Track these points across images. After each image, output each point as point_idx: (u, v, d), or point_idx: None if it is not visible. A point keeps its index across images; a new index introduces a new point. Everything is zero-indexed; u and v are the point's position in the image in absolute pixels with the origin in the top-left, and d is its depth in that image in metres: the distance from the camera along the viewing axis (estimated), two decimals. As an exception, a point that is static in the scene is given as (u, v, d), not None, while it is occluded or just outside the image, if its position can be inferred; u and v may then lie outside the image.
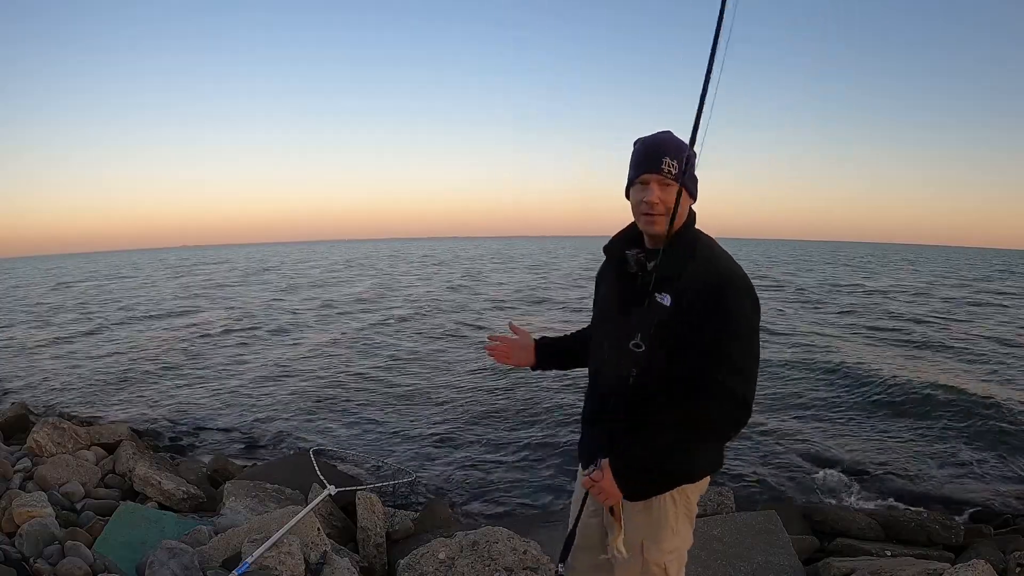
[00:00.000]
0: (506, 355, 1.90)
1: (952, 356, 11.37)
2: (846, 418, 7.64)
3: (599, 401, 1.65)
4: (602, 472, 1.49)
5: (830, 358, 10.82)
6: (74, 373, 10.87)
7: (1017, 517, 4.82)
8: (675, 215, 1.47)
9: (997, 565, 3.07)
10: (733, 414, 1.45)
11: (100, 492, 4.15)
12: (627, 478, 1.49)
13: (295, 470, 4.61)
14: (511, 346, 1.91)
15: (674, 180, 1.48)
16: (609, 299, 1.68)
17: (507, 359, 1.90)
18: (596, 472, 1.50)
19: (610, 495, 1.50)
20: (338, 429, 7.41)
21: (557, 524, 3.93)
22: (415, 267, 43.08)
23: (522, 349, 1.91)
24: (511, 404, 8.24)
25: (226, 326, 15.84)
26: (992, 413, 7.68)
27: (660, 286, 1.50)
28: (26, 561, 2.52)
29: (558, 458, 6.30)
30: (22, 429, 5.68)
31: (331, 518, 3.87)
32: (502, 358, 1.90)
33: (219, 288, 28.24)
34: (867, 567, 3.26)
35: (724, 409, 1.44)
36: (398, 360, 11.20)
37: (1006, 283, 30.63)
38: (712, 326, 1.43)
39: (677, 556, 1.64)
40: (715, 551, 3.14)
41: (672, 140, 1.54)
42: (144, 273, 43.66)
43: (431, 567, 2.74)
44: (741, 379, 1.43)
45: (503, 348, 1.90)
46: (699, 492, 1.65)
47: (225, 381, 9.99)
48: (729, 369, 1.43)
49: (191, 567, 2.49)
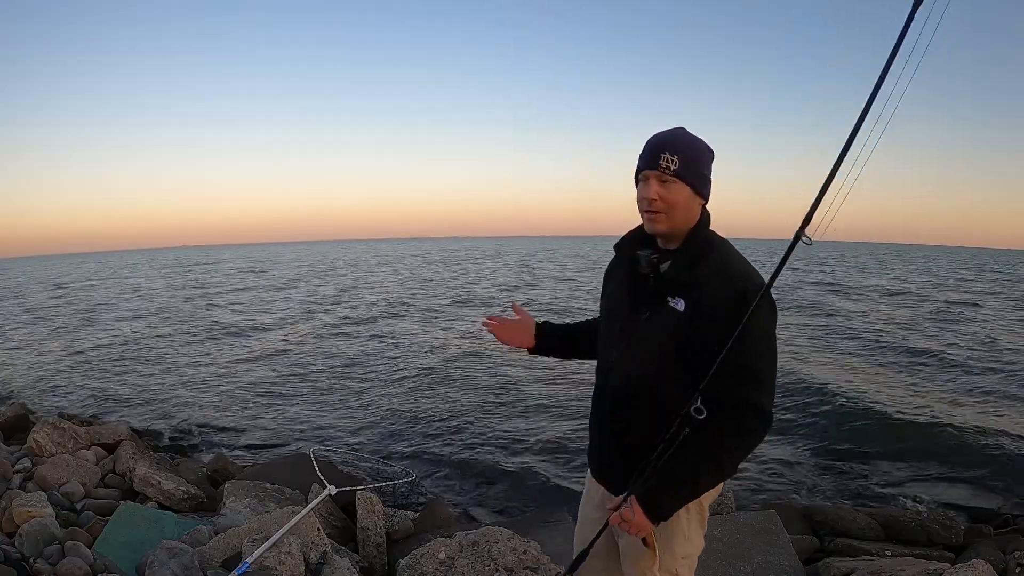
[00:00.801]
0: (503, 334, 1.87)
1: (952, 357, 11.36)
2: (846, 418, 7.64)
3: (609, 405, 1.62)
4: (632, 510, 1.43)
5: (830, 358, 10.83)
6: (74, 373, 10.87)
7: (1017, 517, 4.81)
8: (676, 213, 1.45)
9: (997, 565, 3.07)
10: (755, 426, 1.41)
11: (100, 492, 4.14)
12: (657, 509, 1.44)
13: (295, 470, 4.60)
14: (510, 326, 1.88)
15: (672, 176, 1.44)
16: (619, 300, 1.63)
17: (506, 338, 1.87)
18: (627, 511, 1.44)
19: (643, 528, 1.45)
20: (338, 429, 7.42)
21: (557, 524, 3.93)
22: (413, 267, 43.08)
23: (521, 330, 1.87)
24: (511, 404, 8.24)
25: (226, 326, 15.84)
26: (992, 414, 7.69)
27: (674, 290, 1.46)
28: (26, 561, 2.52)
29: (559, 458, 6.30)
30: (22, 429, 5.67)
31: (331, 518, 3.87)
32: (501, 336, 1.87)
33: (219, 288, 28.23)
34: (867, 567, 3.25)
35: (746, 424, 1.40)
36: (398, 360, 11.20)
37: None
38: (730, 334, 1.37)
39: (689, 562, 1.62)
40: (715, 551, 3.14)
41: (677, 135, 1.49)
42: (144, 273, 43.66)
43: (431, 567, 2.74)
44: (761, 390, 1.40)
45: (500, 326, 1.88)
46: (712, 498, 1.61)
47: (225, 381, 9.99)
48: (749, 381, 1.39)
49: (191, 567, 2.49)
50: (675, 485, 1.43)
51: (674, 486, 1.43)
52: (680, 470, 1.41)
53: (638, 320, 1.53)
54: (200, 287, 29.04)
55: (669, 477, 1.42)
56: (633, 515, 1.43)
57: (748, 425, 1.41)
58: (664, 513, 1.45)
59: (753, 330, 1.38)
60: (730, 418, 1.39)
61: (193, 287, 29.15)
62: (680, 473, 1.42)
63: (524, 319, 1.89)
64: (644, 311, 1.52)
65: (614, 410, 1.60)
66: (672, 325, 1.45)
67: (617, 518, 1.46)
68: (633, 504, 1.43)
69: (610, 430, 1.62)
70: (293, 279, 32.98)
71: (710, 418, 1.39)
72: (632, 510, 1.43)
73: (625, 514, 1.44)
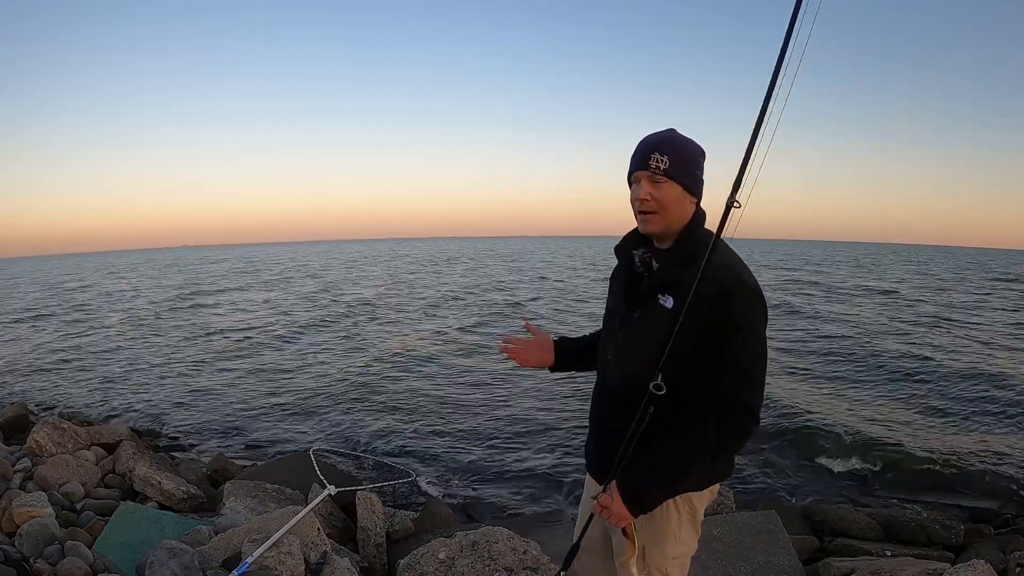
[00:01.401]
0: (523, 356, 1.83)
1: (953, 356, 11.36)
2: (846, 418, 7.64)
3: (606, 404, 1.63)
4: (611, 497, 1.45)
5: (829, 357, 10.83)
6: (74, 373, 10.88)
7: (1017, 517, 4.81)
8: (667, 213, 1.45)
9: (997, 565, 3.07)
10: (741, 424, 1.41)
11: (100, 492, 4.14)
12: (638, 500, 1.44)
13: (295, 470, 4.60)
14: (527, 346, 1.85)
15: (663, 176, 1.46)
16: (617, 300, 1.65)
17: (524, 360, 1.83)
18: (605, 497, 1.45)
19: (622, 518, 1.46)
20: (338, 429, 7.42)
21: (557, 524, 3.94)
22: (413, 267, 43.08)
23: (539, 349, 1.84)
24: (512, 404, 8.24)
25: (226, 326, 15.84)
26: (992, 413, 7.69)
27: (664, 288, 1.47)
28: (26, 561, 2.52)
29: (559, 458, 6.29)
30: (22, 429, 5.68)
31: (331, 518, 3.87)
32: (520, 358, 1.82)
33: (218, 288, 28.23)
34: (867, 567, 3.26)
35: (732, 420, 1.40)
36: (399, 361, 11.20)
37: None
38: (719, 332, 1.39)
39: (680, 563, 1.62)
40: (715, 551, 3.14)
41: (666, 136, 1.51)
42: (144, 273, 43.65)
43: (431, 567, 2.74)
44: (750, 389, 1.40)
45: (519, 349, 1.84)
46: (706, 501, 1.60)
47: (225, 381, 9.99)
48: (737, 379, 1.39)
49: (191, 567, 2.49)
50: (658, 477, 1.44)
51: (657, 478, 1.44)
52: (664, 462, 1.43)
53: (632, 319, 1.55)
54: (199, 286, 29.05)
55: (653, 469, 1.43)
56: (611, 501, 1.44)
57: (736, 421, 1.41)
58: (645, 504, 1.46)
59: (742, 327, 1.39)
60: (717, 413, 1.40)
61: (193, 287, 29.15)
62: (663, 465, 1.43)
63: (540, 338, 1.86)
64: (637, 310, 1.54)
65: (611, 409, 1.60)
66: (661, 323, 1.45)
67: (598, 506, 1.48)
68: (613, 491, 1.45)
69: (607, 428, 1.63)
70: (293, 279, 32.98)
71: (692, 412, 1.41)
72: (611, 496, 1.45)
73: (603, 500, 1.46)
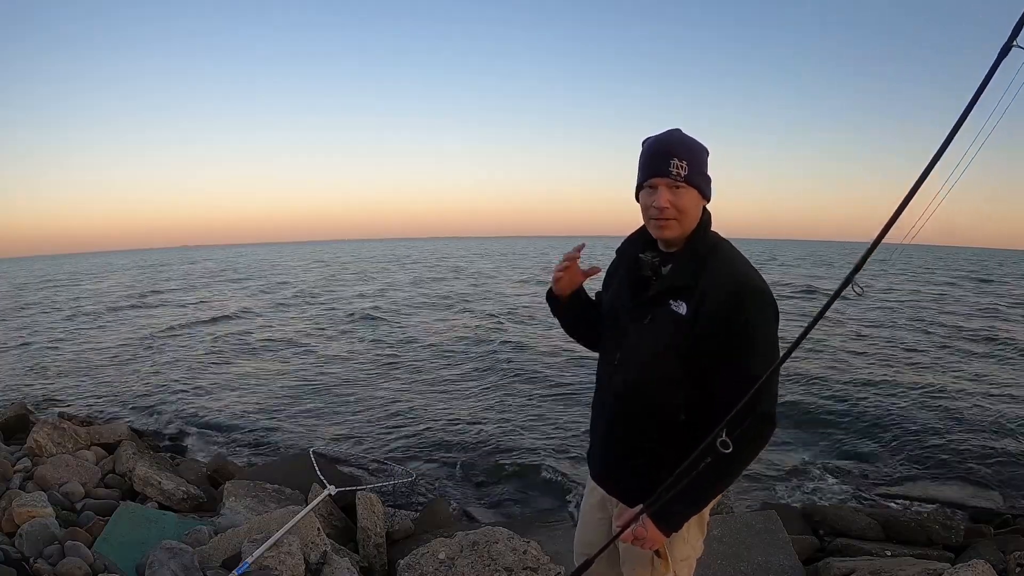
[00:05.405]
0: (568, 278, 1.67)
1: (951, 357, 11.37)
2: (846, 418, 7.64)
3: (610, 409, 1.60)
4: (646, 528, 1.43)
5: (829, 358, 10.82)
6: (74, 373, 10.87)
7: (1017, 517, 4.81)
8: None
9: (997, 565, 3.07)
10: (764, 432, 1.40)
11: (100, 492, 4.14)
12: (672, 524, 1.44)
13: (295, 470, 4.60)
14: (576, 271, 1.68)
15: (684, 182, 1.43)
16: (621, 303, 1.60)
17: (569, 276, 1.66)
18: (640, 529, 1.43)
19: (656, 543, 1.45)
20: (338, 429, 7.41)
21: (557, 524, 3.94)
22: (412, 266, 43.10)
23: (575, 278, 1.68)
24: (511, 404, 8.24)
25: (226, 326, 15.84)
26: (992, 413, 7.69)
27: (676, 293, 1.45)
28: (26, 561, 2.52)
29: (560, 458, 6.29)
30: (22, 429, 5.67)
31: (331, 518, 3.87)
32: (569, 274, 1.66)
33: (219, 288, 28.23)
34: (867, 567, 3.26)
35: (755, 430, 1.38)
36: (399, 361, 11.20)
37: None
38: (733, 338, 1.37)
39: (688, 563, 1.62)
40: (715, 551, 3.14)
41: (681, 139, 1.47)
42: (143, 273, 43.66)
43: (431, 567, 2.74)
44: (766, 395, 1.37)
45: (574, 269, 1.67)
46: (712, 502, 1.60)
47: (225, 381, 9.99)
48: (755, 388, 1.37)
49: (191, 567, 2.49)
50: (688, 498, 1.42)
51: (687, 499, 1.42)
52: (691, 485, 1.39)
53: (640, 324, 1.51)
54: (198, 285, 29.07)
55: (683, 494, 1.40)
56: (647, 531, 1.43)
57: (757, 432, 1.39)
58: (676, 525, 1.45)
59: (759, 336, 1.37)
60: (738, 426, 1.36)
61: (192, 286, 29.16)
62: (691, 488, 1.40)
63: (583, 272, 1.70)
64: (646, 315, 1.50)
65: (615, 413, 1.59)
66: (674, 329, 1.43)
67: (630, 536, 1.45)
68: (647, 522, 1.43)
69: (611, 433, 1.61)
70: (292, 279, 32.98)
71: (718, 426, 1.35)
72: (645, 527, 1.43)
73: (639, 532, 1.44)
